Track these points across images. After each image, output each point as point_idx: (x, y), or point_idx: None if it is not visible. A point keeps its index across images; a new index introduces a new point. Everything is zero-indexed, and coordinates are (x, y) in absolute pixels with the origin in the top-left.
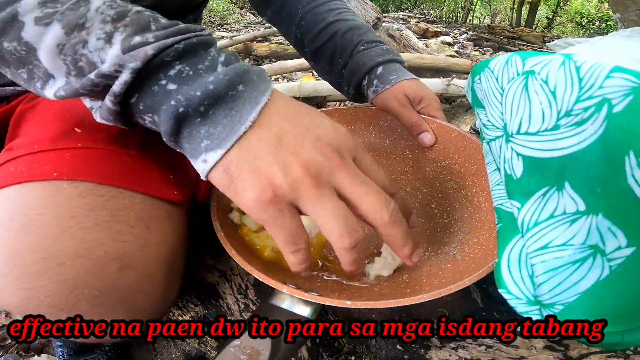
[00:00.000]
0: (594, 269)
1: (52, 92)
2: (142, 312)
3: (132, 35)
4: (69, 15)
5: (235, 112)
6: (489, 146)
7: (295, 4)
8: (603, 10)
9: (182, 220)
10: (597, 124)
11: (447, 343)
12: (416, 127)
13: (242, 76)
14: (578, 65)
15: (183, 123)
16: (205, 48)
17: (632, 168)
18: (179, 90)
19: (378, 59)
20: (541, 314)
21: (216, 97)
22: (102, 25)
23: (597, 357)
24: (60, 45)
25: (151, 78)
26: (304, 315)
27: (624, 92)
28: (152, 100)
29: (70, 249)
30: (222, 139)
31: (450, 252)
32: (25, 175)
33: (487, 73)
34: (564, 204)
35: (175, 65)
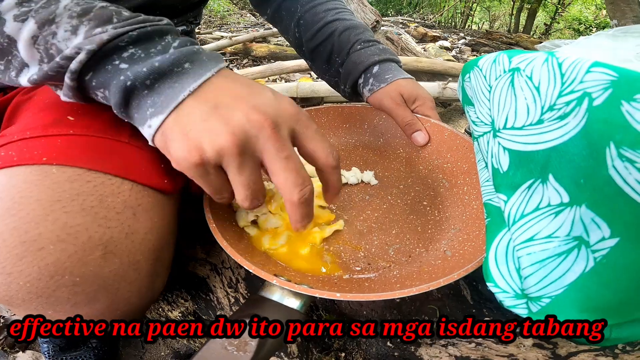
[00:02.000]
0: (579, 261)
1: (25, 78)
2: (124, 302)
3: (95, 27)
4: (41, 12)
5: (178, 85)
6: (478, 143)
7: (294, 3)
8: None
9: (171, 210)
10: (578, 117)
11: (437, 340)
12: (410, 125)
13: (190, 56)
14: (560, 62)
15: (131, 95)
16: (160, 35)
17: (613, 159)
18: (129, 68)
19: (374, 58)
20: (528, 307)
21: (161, 72)
22: (69, 20)
23: (585, 355)
24: (34, 37)
25: (105, 59)
26: (294, 307)
27: (603, 85)
28: (104, 77)
29: (51, 233)
30: (164, 107)
31: (441, 248)
32: (15, 159)
33: (476, 71)
34: (548, 196)
35: (128, 49)
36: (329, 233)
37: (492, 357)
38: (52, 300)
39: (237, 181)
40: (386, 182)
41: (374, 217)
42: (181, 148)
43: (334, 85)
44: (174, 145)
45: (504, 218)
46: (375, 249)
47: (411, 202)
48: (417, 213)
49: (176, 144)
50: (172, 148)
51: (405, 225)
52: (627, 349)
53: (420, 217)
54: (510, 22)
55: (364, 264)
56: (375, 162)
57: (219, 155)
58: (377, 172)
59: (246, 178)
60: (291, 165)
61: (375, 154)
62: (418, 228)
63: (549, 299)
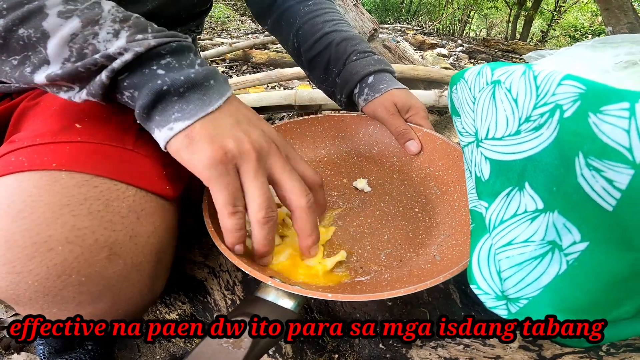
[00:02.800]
0: (553, 264)
1: (43, 75)
2: (126, 302)
3: (136, 33)
4: (86, 13)
5: (206, 98)
6: (464, 152)
7: (293, 14)
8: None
9: (172, 215)
10: (551, 128)
11: (427, 342)
12: (403, 134)
13: (214, 75)
14: (535, 75)
15: (161, 99)
16: (188, 51)
17: (581, 167)
18: (167, 74)
19: (369, 69)
20: (508, 308)
21: (194, 83)
22: (112, 23)
23: (570, 357)
24: (74, 35)
25: (145, 63)
26: (288, 308)
27: (572, 98)
28: (138, 79)
29: (60, 235)
30: (192, 114)
31: (431, 253)
32: (26, 165)
33: (462, 83)
34: (525, 202)
35: (166, 57)
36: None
37: (480, 359)
38: (58, 299)
39: (254, 185)
40: (380, 189)
41: (367, 223)
42: (207, 148)
43: (331, 95)
44: (200, 146)
45: (485, 224)
46: (367, 254)
47: (403, 209)
48: (408, 219)
49: (202, 145)
50: (198, 148)
51: (397, 231)
52: (612, 351)
53: (412, 223)
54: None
55: (357, 267)
56: (369, 170)
57: (241, 155)
58: (371, 180)
59: (262, 183)
60: (295, 176)
61: (369, 162)
62: (409, 234)
63: (527, 300)
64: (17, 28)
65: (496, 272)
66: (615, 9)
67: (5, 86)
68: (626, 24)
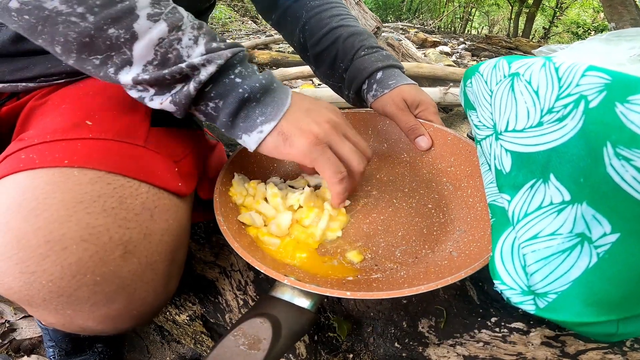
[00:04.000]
0: (583, 257)
1: (129, 77)
2: (140, 302)
3: (211, 41)
4: (171, 17)
5: (278, 98)
6: (480, 146)
7: (299, 9)
8: (599, 20)
9: (185, 212)
10: (576, 119)
11: (445, 340)
12: (413, 130)
13: (274, 78)
14: (557, 66)
15: (244, 106)
16: (249, 60)
17: (610, 157)
18: (244, 82)
19: (378, 64)
20: (535, 303)
21: (266, 88)
22: (192, 30)
23: (594, 353)
24: (161, 39)
25: (224, 73)
26: (305, 307)
27: (598, 88)
28: (222, 89)
29: (75, 233)
30: (274, 115)
31: (447, 249)
32: (37, 162)
33: (477, 77)
34: (550, 194)
35: (237, 67)
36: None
37: (501, 355)
38: (72, 300)
39: (346, 149)
40: (391, 186)
41: (379, 220)
42: (302, 137)
43: (338, 91)
44: (296, 139)
45: (508, 217)
46: (381, 251)
47: (416, 205)
48: (422, 215)
49: (297, 137)
50: (295, 140)
51: (411, 227)
52: (636, 346)
53: (426, 220)
54: (509, 26)
55: (371, 265)
56: (379, 167)
57: (327, 135)
58: (382, 176)
59: (349, 146)
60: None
61: (379, 159)
62: (424, 230)
63: (556, 294)
64: (108, 27)
65: (521, 266)
66: (618, 5)
67: (12, 86)
68: (629, 19)
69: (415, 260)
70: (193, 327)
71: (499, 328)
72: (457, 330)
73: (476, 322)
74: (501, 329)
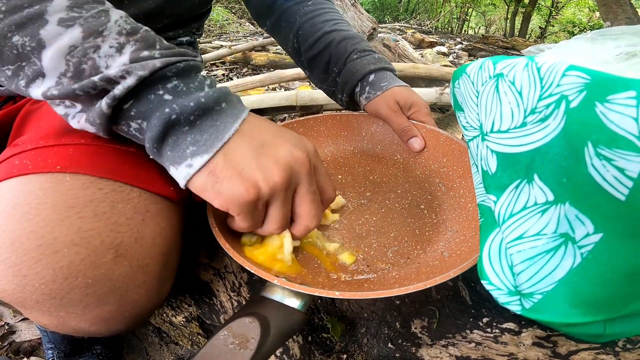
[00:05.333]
0: (567, 257)
1: (39, 91)
2: (133, 304)
3: (142, 49)
4: (90, 21)
5: (220, 123)
6: (469, 147)
7: (293, 14)
8: (594, 19)
9: (177, 216)
10: (557, 119)
11: (438, 341)
12: (406, 132)
13: (226, 96)
14: (539, 66)
15: (171, 130)
16: (196, 72)
17: (591, 157)
18: (174, 100)
19: (370, 67)
20: (521, 303)
21: (205, 109)
22: (117, 36)
23: (586, 353)
24: (73, 47)
25: (150, 87)
26: (295, 307)
27: (578, 88)
28: (145, 107)
29: (66, 237)
30: (208, 145)
31: (438, 250)
32: (30, 167)
33: (465, 78)
34: (534, 195)
35: (173, 80)
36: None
37: (493, 356)
38: (64, 302)
39: (277, 213)
40: (384, 187)
41: (372, 221)
42: (237, 187)
43: (331, 95)
44: (228, 185)
45: (495, 218)
46: (374, 252)
47: (409, 206)
48: (414, 216)
49: (232, 184)
50: (225, 187)
51: (403, 228)
52: (628, 346)
53: (418, 220)
54: (506, 26)
55: (363, 266)
56: (373, 168)
57: (273, 191)
58: (375, 178)
59: (287, 210)
60: (316, 199)
61: (373, 160)
62: (416, 230)
63: (541, 295)
64: (12, 35)
65: (508, 266)
66: (613, 4)
67: (7, 90)
68: (624, 18)
69: (407, 261)
70: (189, 328)
71: (491, 328)
72: (449, 331)
73: (468, 322)
74: (493, 329)
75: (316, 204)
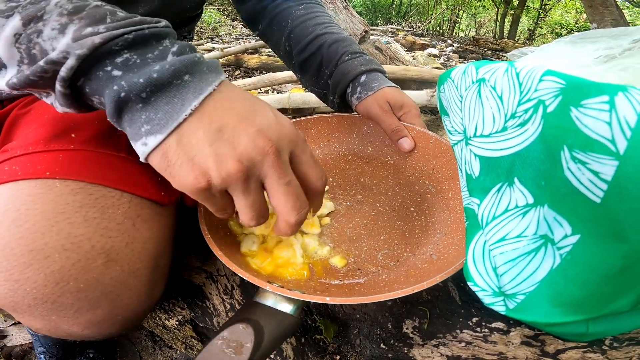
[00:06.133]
0: (547, 258)
1: (3, 81)
2: (124, 308)
3: (85, 26)
4: (29, 8)
5: (178, 100)
6: (454, 151)
7: (285, 18)
8: (582, 21)
9: (168, 221)
10: (536, 123)
11: (429, 341)
12: (396, 132)
13: (191, 67)
14: (518, 71)
15: (124, 107)
16: (158, 39)
17: (567, 161)
18: (123, 76)
19: (362, 68)
20: (505, 304)
21: (159, 85)
22: (58, 17)
23: (573, 352)
24: (17, 35)
25: (97, 64)
26: (287, 312)
27: (554, 93)
28: (96, 84)
29: (57, 243)
30: (162, 125)
31: (427, 252)
32: (19, 174)
33: (449, 83)
34: (515, 198)
35: (123, 53)
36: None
37: (483, 355)
38: (56, 306)
39: (242, 204)
40: (375, 189)
41: (363, 224)
42: (187, 174)
43: (323, 98)
44: (178, 170)
45: (478, 220)
46: (364, 255)
47: (399, 209)
48: (404, 219)
49: (182, 170)
50: (176, 172)
51: (393, 230)
52: (615, 345)
53: (408, 223)
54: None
55: (354, 269)
56: (364, 171)
57: (226, 182)
58: (366, 180)
59: (251, 200)
60: (292, 190)
61: (364, 162)
62: (405, 233)
63: (524, 295)
64: None
65: (492, 268)
66: (599, 5)
67: None
68: (610, 20)
69: (397, 264)
70: (183, 331)
71: (480, 328)
72: (440, 331)
73: (458, 322)
74: (482, 329)
75: (293, 196)
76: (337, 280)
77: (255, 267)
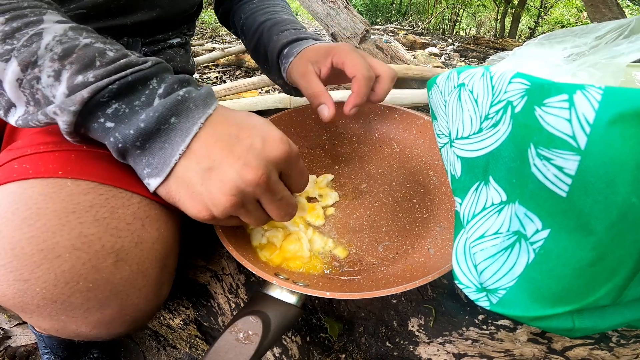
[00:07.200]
0: (522, 254)
1: (13, 119)
2: (133, 308)
3: (76, 73)
4: (23, 52)
5: (168, 145)
6: (441, 153)
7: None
8: (582, 19)
9: (176, 221)
10: (506, 124)
11: (435, 339)
12: (313, 97)
13: (176, 108)
14: (491, 75)
15: (125, 154)
16: (143, 83)
17: (533, 158)
18: (116, 128)
19: (283, 41)
20: (489, 299)
21: (149, 133)
22: (51, 63)
23: (581, 349)
24: (19, 80)
25: (91, 117)
26: (291, 302)
27: (520, 94)
28: (95, 135)
29: (67, 242)
30: (159, 169)
31: (425, 246)
32: (30, 172)
33: (435, 88)
34: (491, 196)
35: (112, 104)
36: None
37: (490, 353)
38: (66, 306)
39: (248, 221)
40: (380, 179)
41: (366, 215)
42: (191, 208)
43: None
44: (183, 205)
45: (460, 219)
46: (366, 246)
47: (401, 200)
48: (406, 211)
49: (186, 204)
50: (182, 206)
51: (395, 222)
52: (622, 342)
53: (409, 215)
54: (496, 27)
55: (355, 260)
56: (370, 159)
57: (225, 213)
58: (371, 169)
59: (254, 217)
60: (284, 202)
61: (369, 150)
62: (406, 225)
63: (505, 290)
64: None
65: (473, 265)
66: (600, 4)
67: None
68: (611, 18)
69: (396, 256)
70: (187, 331)
71: (486, 325)
72: (446, 329)
73: (464, 320)
74: (488, 326)
75: (284, 207)
76: (337, 274)
77: (265, 259)
